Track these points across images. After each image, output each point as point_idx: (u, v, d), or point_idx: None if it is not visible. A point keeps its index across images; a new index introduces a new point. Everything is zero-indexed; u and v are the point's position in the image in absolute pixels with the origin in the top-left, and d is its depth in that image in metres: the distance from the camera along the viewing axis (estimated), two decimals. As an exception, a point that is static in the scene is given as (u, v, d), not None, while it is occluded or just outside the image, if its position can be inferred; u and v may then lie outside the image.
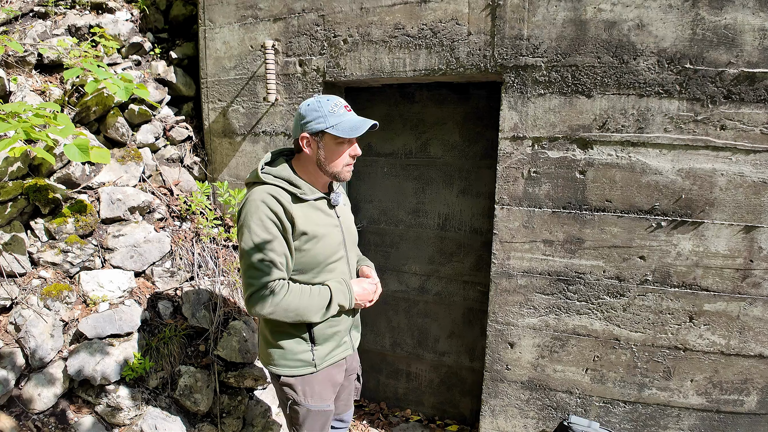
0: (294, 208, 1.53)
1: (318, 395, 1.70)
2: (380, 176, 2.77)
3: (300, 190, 1.56)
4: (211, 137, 2.89)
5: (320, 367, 1.68)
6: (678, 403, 2.09)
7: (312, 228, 1.56)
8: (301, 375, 1.66)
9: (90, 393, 2.13)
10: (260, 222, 1.49)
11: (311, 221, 1.57)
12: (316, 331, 1.64)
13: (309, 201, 1.59)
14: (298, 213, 1.53)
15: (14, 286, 2.15)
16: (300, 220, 1.53)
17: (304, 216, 1.55)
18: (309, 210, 1.58)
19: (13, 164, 2.23)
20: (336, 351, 1.73)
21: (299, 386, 1.67)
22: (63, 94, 2.65)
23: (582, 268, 2.12)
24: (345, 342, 1.77)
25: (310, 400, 1.69)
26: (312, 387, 1.69)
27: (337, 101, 1.55)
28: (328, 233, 1.62)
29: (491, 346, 2.34)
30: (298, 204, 1.55)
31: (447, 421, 2.91)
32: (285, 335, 1.64)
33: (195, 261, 2.60)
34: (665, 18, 1.84)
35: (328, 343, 1.69)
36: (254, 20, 2.60)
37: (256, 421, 2.48)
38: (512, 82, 2.09)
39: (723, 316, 1.97)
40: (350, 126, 1.51)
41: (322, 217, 1.62)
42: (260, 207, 1.49)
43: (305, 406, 1.69)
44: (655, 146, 1.94)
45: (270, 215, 1.49)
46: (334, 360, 1.73)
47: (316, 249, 1.58)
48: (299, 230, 1.53)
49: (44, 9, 2.87)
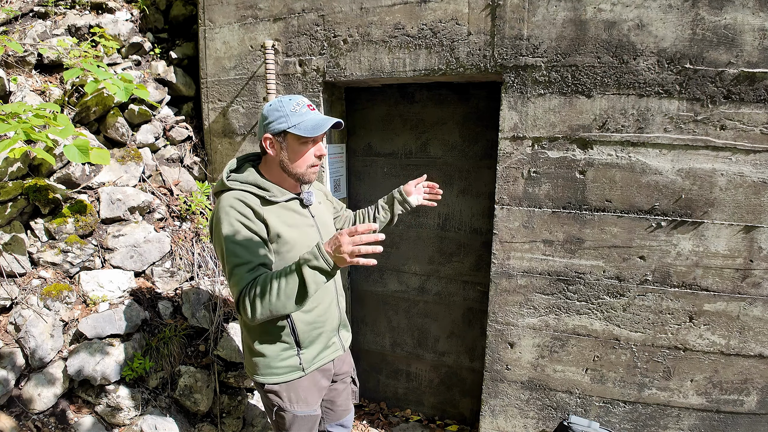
0: (264, 210, 1.50)
1: (303, 401, 1.67)
2: (380, 176, 2.77)
3: (269, 192, 1.53)
4: (211, 137, 2.89)
5: (308, 371, 1.65)
6: (678, 403, 2.09)
7: (286, 230, 1.53)
8: (286, 382, 1.63)
9: (90, 393, 2.13)
10: (231, 227, 1.44)
11: (284, 223, 1.54)
12: (301, 334, 1.61)
13: (280, 203, 1.56)
14: (269, 215, 1.50)
15: (14, 286, 2.15)
16: (273, 222, 1.50)
17: (277, 218, 1.52)
18: (281, 211, 1.55)
19: (13, 164, 2.23)
20: (325, 353, 1.71)
21: (284, 393, 1.64)
22: (63, 94, 2.65)
23: (582, 268, 2.12)
24: (333, 343, 1.74)
25: (296, 406, 1.66)
26: (297, 393, 1.66)
27: (299, 100, 1.52)
28: (304, 233, 1.59)
29: (491, 346, 2.34)
30: (269, 206, 1.53)
31: (447, 421, 2.91)
32: (269, 343, 1.60)
33: (195, 261, 2.60)
34: (665, 18, 1.84)
35: (314, 346, 1.66)
36: (254, 20, 2.60)
37: (256, 421, 2.48)
38: (512, 82, 2.09)
39: (723, 316, 1.97)
40: (312, 125, 1.48)
41: (296, 217, 1.60)
42: (230, 212, 1.45)
43: (291, 411, 1.66)
44: (655, 146, 1.94)
45: (240, 218, 1.45)
46: (324, 362, 1.71)
47: (293, 251, 1.54)
48: (273, 232, 1.50)
49: (44, 9, 2.87)
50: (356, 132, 2.78)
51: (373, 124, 2.73)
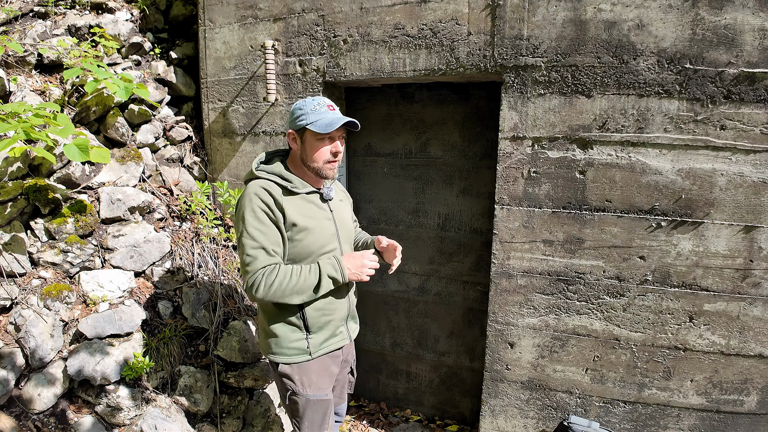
0: (285, 200, 1.62)
1: (315, 385, 1.75)
2: (380, 176, 2.77)
3: (291, 183, 1.66)
4: (211, 137, 2.89)
5: (315, 355, 1.73)
6: (678, 403, 2.09)
7: (302, 219, 1.64)
8: (297, 363, 1.72)
9: (90, 393, 2.13)
10: (253, 213, 1.59)
11: (302, 213, 1.65)
12: (310, 319, 1.70)
13: (301, 194, 1.68)
14: (288, 205, 1.62)
15: (14, 286, 2.15)
16: (290, 211, 1.62)
17: (295, 207, 1.64)
18: (300, 202, 1.67)
19: (13, 164, 2.23)
20: (332, 340, 1.78)
21: (296, 375, 1.73)
22: (63, 94, 2.65)
23: (582, 268, 2.12)
24: (341, 332, 1.81)
25: (308, 390, 1.74)
26: (309, 376, 1.74)
27: (321, 101, 1.66)
28: (320, 225, 1.69)
29: (491, 346, 2.34)
30: (289, 197, 1.65)
31: (447, 421, 2.91)
32: (280, 324, 1.71)
33: (195, 261, 2.60)
34: (665, 18, 1.84)
35: (322, 332, 1.74)
36: (254, 20, 2.60)
37: (256, 421, 2.48)
38: (512, 82, 2.09)
39: (723, 316, 1.97)
40: (327, 122, 1.60)
41: (314, 209, 1.70)
42: (253, 199, 1.60)
43: (304, 395, 1.73)
44: (655, 146, 1.94)
45: (262, 206, 1.59)
46: (330, 349, 1.77)
47: (307, 239, 1.65)
48: (290, 221, 1.62)
49: (44, 9, 2.87)
50: (356, 132, 2.78)
51: (373, 124, 2.73)
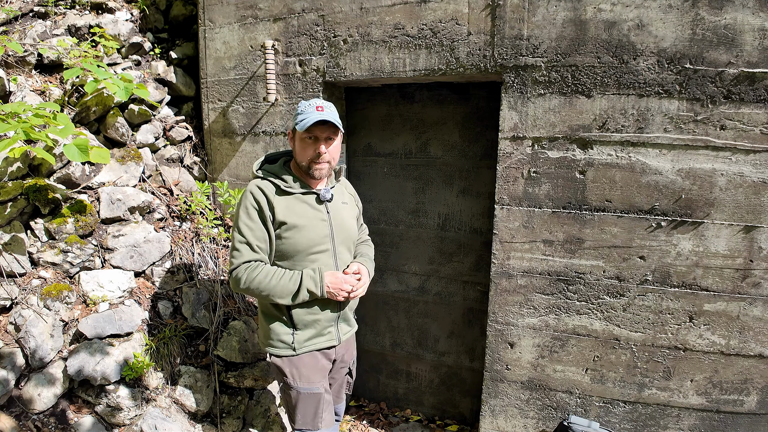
0: (277, 199, 1.70)
1: (306, 378, 1.79)
2: (380, 176, 2.77)
3: (285, 183, 1.73)
4: (211, 137, 2.89)
5: (299, 352, 1.78)
6: (678, 403, 2.09)
7: (291, 218, 1.69)
8: (286, 356, 1.79)
9: (90, 393, 2.13)
10: (245, 209, 1.69)
11: (292, 212, 1.70)
12: (295, 316, 1.75)
13: (295, 194, 1.73)
14: (279, 204, 1.69)
15: (14, 286, 2.15)
16: (279, 210, 1.68)
17: (286, 207, 1.70)
18: (292, 201, 1.72)
19: (13, 164, 2.23)
20: (317, 339, 1.81)
21: (287, 368, 1.79)
22: (63, 94, 2.65)
23: (582, 268, 2.12)
24: (329, 332, 1.83)
25: (299, 382, 1.78)
26: (299, 369, 1.79)
27: (313, 102, 1.71)
28: (310, 224, 1.73)
29: (491, 346, 2.34)
30: (283, 196, 1.72)
31: (447, 421, 2.91)
32: (272, 318, 1.79)
33: (195, 261, 2.60)
34: (665, 18, 1.84)
35: (307, 330, 1.78)
36: (254, 20, 2.60)
37: (256, 421, 2.48)
38: (512, 82, 2.09)
39: (723, 316, 1.97)
40: (307, 122, 1.65)
41: (307, 209, 1.74)
42: (247, 197, 1.70)
43: (295, 388, 1.78)
44: (655, 146, 1.94)
45: (254, 203, 1.69)
46: (315, 348, 1.81)
47: (295, 238, 1.70)
48: (278, 219, 1.69)
49: (44, 9, 2.87)
50: (356, 132, 2.78)
51: (373, 124, 2.73)
